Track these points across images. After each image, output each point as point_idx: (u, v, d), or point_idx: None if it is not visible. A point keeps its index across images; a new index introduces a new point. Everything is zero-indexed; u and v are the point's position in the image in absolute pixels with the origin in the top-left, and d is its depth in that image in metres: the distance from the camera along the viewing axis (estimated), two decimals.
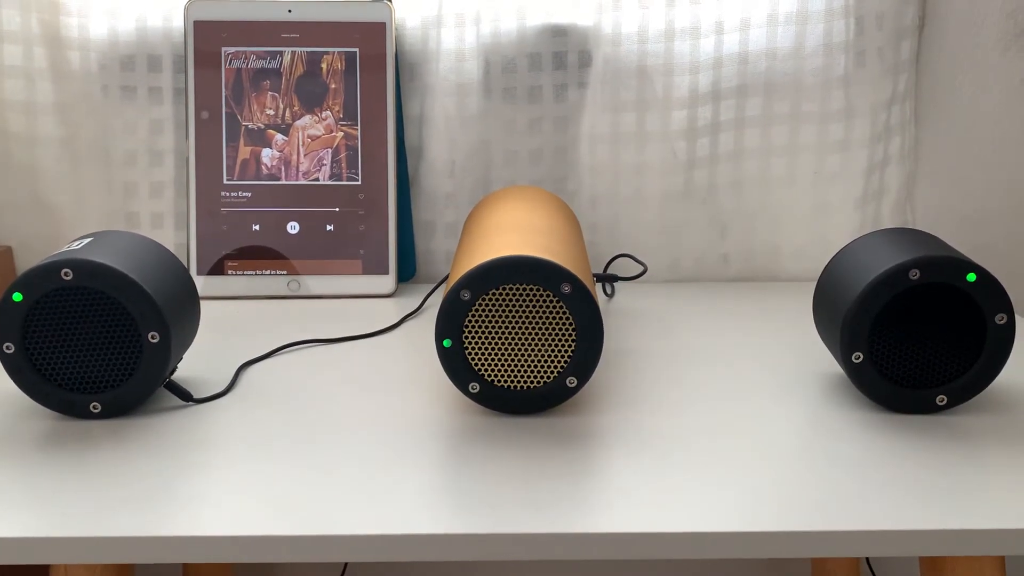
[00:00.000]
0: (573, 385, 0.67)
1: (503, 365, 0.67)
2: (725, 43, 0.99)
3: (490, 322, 0.66)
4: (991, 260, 0.83)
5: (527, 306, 0.66)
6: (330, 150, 0.99)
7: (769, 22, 0.99)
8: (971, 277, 0.65)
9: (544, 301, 0.66)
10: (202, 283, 0.98)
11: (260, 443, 0.64)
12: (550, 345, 0.67)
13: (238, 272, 0.99)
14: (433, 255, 1.04)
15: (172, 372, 0.69)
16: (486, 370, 0.67)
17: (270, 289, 0.99)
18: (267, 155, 0.99)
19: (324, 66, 0.99)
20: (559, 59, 1.00)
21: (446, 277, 0.94)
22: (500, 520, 0.54)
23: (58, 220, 1.02)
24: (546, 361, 0.67)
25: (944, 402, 0.68)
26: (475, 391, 0.67)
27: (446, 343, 0.66)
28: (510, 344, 0.67)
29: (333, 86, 0.99)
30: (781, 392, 0.72)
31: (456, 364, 0.67)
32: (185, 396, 0.70)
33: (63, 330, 0.66)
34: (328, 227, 0.99)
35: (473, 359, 0.67)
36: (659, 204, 1.02)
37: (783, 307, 0.94)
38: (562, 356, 0.67)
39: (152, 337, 0.66)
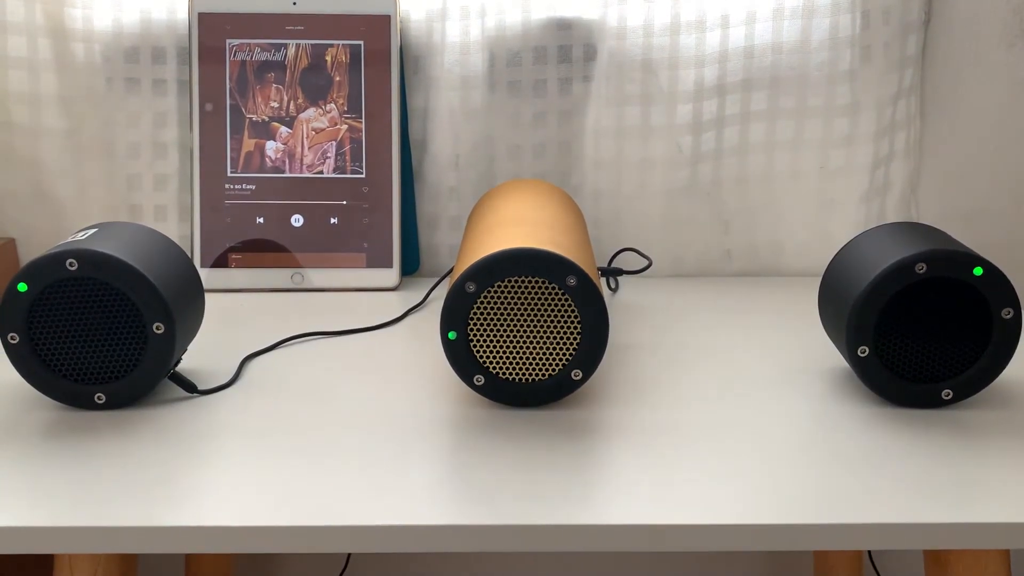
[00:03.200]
0: (578, 378, 0.67)
1: (508, 358, 0.67)
2: (731, 37, 0.99)
3: (495, 315, 0.66)
4: (996, 255, 0.83)
5: (532, 299, 0.66)
6: (334, 143, 0.99)
7: (775, 16, 0.98)
8: (978, 271, 0.65)
9: (549, 294, 0.66)
10: (206, 276, 0.98)
11: (264, 435, 0.64)
12: (555, 338, 0.67)
13: (242, 265, 0.98)
14: (437, 249, 1.04)
15: (176, 363, 0.69)
16: (491, 363, 0.67)
17: (274, 282, 0.99)
18: (271, 148, 0.99)
19: (328, 59, 0.99)
20: (564, 52, 1.00)
21: (450, 270, 0.94)
22: (504, 512, 0.54)
23: (61, 212, 1.02)
24: (551, 354, 0.67)
25: (950, 396, 0.67)
26: (480, 384, 0.67)
27: (451, 335, 0.66)
28: (515, 337, 0.66)
29: (337, 79, 0.99)
30: (785, 386, 0.72)
31: (461, 356, 0.67)
32: (189, 387, 0.70)
33: (68, 320, 0.66)
34: (332, 220, 0.99)
35: (478, 352, 0.67)
36: (663, 199, 1.02)
37: (787, 302, 0.94)
38: (567, 349, 0.67)
39: (157, 328, 0.66)
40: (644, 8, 0.98)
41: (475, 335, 0.66)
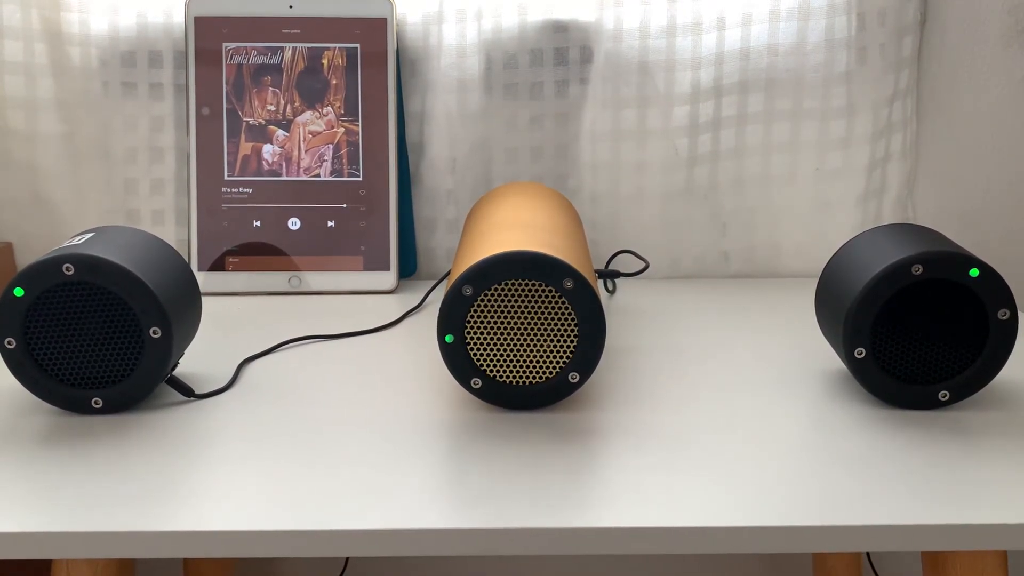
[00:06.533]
0: (575, 380, 0.67)
1: (505, 361, 0.67)
2: (727, 39, 0.99)
3: (492, 318, 0.66)
4: (992, 256, 0.84)
5: (529, 301, 0.66)
6: (331, 146, 0.99)
7: (771, 18, 0.99)
8: (974, 272, 0.65)
9: (546, 296, 0.66)
10: (203, 279, 0.98)
11: (261, 439, 0.64)
12: (552, 340, 0.67)
13: (239, 268, 0.98)
14: (434, 252, 1.04)
15: (173, 367, 0.69)
16: (488, 366, 0.67)
17: (271, 285, 0.99)
18: (268, 151, 0.99)
19: (325, 62, 0.99)
20: (560, 55, 1.00)
21: (447, 273, 0.94)
22: (502, 515, 0.54)
23: (58, 217, 1.02)
24: (548, 356, 0.67)
25: (946, 398, 0.67)
26: (477, 387, 0.67)
27: (448, 339, 0.66)
28: (512, 340, 0.66)
29: (334, 82, 0.99)
30: (783, 388, 0.72)
31: (458, 360, 0.67)
32: (186, 392, 0.70)
33: (65, 325, 0.66)
34: (329, 223, 0.99)
35: (475, 355, 0.67)
36: (660, 201, 1.02)
37: (784, 303, 0.94)
38: (564, 351, 0.67)
39: (154, 332, 0.66)
40: (640, 10, 0.98)
41: (472, 338, 0.66)
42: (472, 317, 0.66)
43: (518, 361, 0.67)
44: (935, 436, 0.64)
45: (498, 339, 0.66)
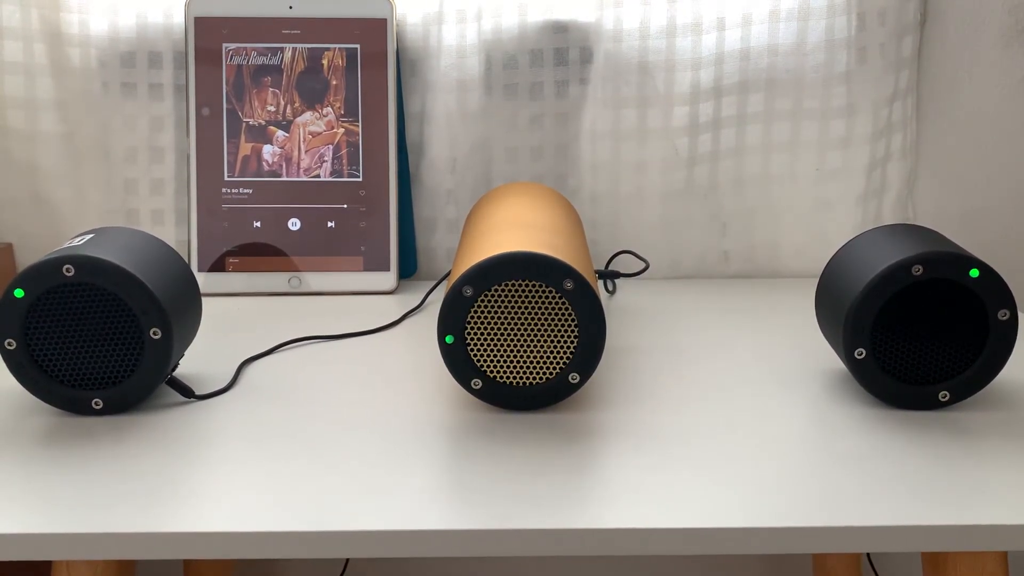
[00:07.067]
0: (575, 381, 0.67)
1: (505, 361, 0.67)
2: (727, 39, 0.99)
3: (492, 318, 0.66)
4: (992, 256, 0.83)
5: (529, 302, 0.66)
6: (331, 147, 0.99)
7: (771, 18, 0.99)
8: (974, 273, 0.65)
9: (546, 297, 0.66)
10: (203, 280, 0.98)
11: (261, 439, 0.64)
12: (552, 341, 0.67)
13: (239, 269, 0.98)
14: (434, 252, 1.04)
15: (174, 368, 0.69)
16: (488, 366, 0.67)
17: (271, 286, 0.98)
18: (268, 152, 0.99)
19: (325, 62, 0.99)
20: (560, 55, 1.00)
21: (447, 274, 0.94)
22: (502, 516, 0.54)
23: (58, 217, 1.02)
24: (548, 357, 0.67)
25: (946, 398, 0.67)
26: (477, 387, 0.67)
27: (448, 339, 0.66)
28: (512, 340, 0.66)
29: (334, 82, 0.99)
30: (783, 388, 0.72)
31: (458, 360, 0.67)
32: (187, 392, 0.70)
33: (65, 326, 0.66)
34: (329, 224, 0.99)
35: (475, 355, 0.67)
36: (660, 201, 1.02)
37: (784, 303, 0.94)
38: (564, 352, 0.67)
39: (154, 333, 0.66)
40: (640, 11, 0.98)
41: (472, 339, 0.66)
42: (472, 318, 0.66)
43: (518, 362, 0.67)
44: (935, 436, 0.64)
45: (498, 340, 0.66)
